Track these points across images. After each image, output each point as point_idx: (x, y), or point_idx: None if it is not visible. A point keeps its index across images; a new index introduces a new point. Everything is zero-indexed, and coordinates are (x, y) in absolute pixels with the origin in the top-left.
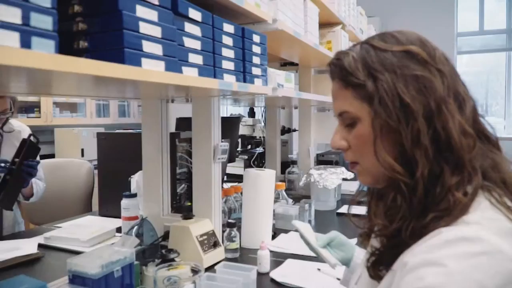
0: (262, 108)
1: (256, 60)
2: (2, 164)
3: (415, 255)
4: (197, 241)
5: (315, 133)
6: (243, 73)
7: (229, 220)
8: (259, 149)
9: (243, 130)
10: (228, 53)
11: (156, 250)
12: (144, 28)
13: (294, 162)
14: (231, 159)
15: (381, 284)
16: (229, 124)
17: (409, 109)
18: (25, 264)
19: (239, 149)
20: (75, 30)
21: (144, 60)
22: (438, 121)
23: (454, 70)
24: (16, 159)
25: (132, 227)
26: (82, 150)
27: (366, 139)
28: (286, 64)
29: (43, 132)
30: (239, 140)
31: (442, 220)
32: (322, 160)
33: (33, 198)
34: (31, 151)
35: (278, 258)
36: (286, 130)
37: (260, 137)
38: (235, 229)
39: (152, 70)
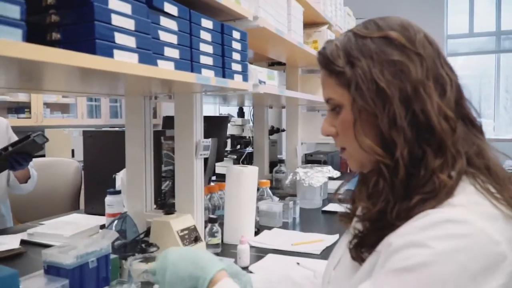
0: (251, 108)
1: (236, 56)
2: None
3: (400, 236)
4: (178, 235)
5: (303, 133)
6: (222, 69)
7: (211, 216)
8: (249, 149)
9: (232, 130)
10: (206, 48)
11: (137, 245)
12: (116, 20)
13: (281, 161)
14: (219, 159)
15: (364, 265)
16: (217, 123)
17: (384, 93)
18: (6, 259)
19: (228, 149)
20: (48, 22)
21: (116, 52)
22: (417, 104)
23: (437, 53)
24: (10, 148)
25: (112, 222)
26: (73, 150)
27: (349, 124)
28: (273, 64)
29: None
30: (229, 140)
31: (428, 202)
32: (311, 160)
33: (30, 182)
34: (30, 146)
35: (260, 253)
36: (275, 130)
37: (249, 137)
38: (216, 224)
39: (124, 61)
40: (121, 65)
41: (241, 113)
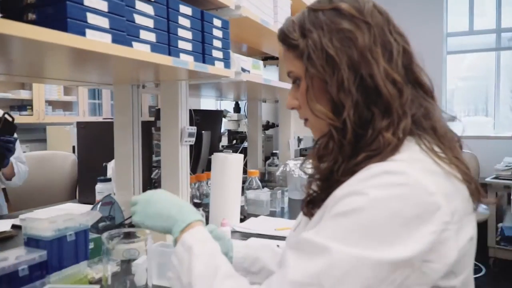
0: (245, 102)
1: (217, 43)
2: None
3: (342, 188)
4: None
5: (296, 126)
6: (203, 55)
7: (195, 201)
8: (245, 144)
9: (228, 125)
10: (185, 34)
11: (121, 227)
12: (89, 1)
13: (274, 154)
14: (213, 152)
15: (313, 219)
16: (212, 117)
17: (333, 60)
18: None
19: (224, 144)
20: (24, 4)
21: (88, 31)
22: (364, 68)
23: (386, 22)
24: None
25: (97, 204)
26: (74, 147)
27: (305, 94)
28: (267, 59)
29: (36, 130)
30: (226, 135)
31: (373, 159)
32: (306, 154)
33: (16, 179)
34: (7, 128)
35: (242, 238)
36: (270, 125)
37: (245, 132)
38: (200, 209)
39: (96, 40)
40: (93, 43)
41: (237, 108)
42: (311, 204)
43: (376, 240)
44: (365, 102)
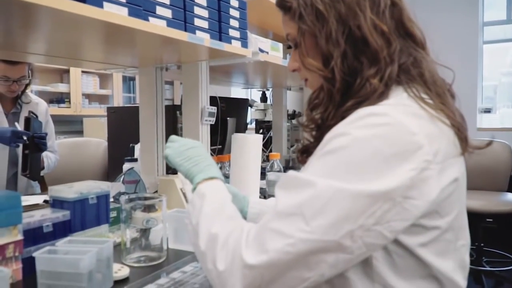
0: (271, 90)
1: (234, 23)
2: (25, 137)
3: (330, 132)
4: (181, 192)
5: None
6: (219, 33)
7: None
8: (271, 133)
9: (255, 114)
10: (201, 12)
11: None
12: None
13: (298, 140)
14: None
15: (305, 164)
16: (237, 105)
17: (322, 15)
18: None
19: (251, 133)
20: None
21: (106, 4)
22: (352, 20)
23: None
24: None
25: (121, 176)
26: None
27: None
28: (290, 47)
29: (73, 122)
30: (254, 124)
31: (361, 104)
32: None
33: (45, 170)
34: (34, 125)
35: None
36: (297, 114)
37: (271, 121)
38: None
39: (113, 12)
40: (110, 15)
41: (263, 98)
42: (305, 152)
43: (357, 175)
44: (354, 53)
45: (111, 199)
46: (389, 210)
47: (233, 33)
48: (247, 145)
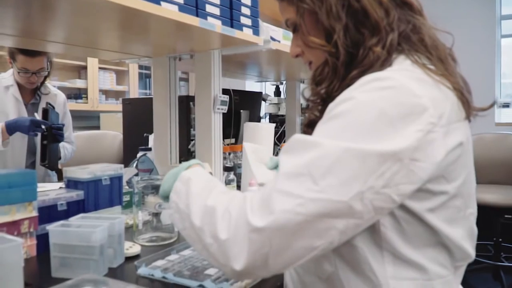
0: (284, 84)
1: (245, 10)
2: (43, 126)
3: (335, 99)
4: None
5: None
6: (230, 20)
7: (227, 165)
8: (285, 127)
9: (269, 108)
10: None
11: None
12: None
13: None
14: None
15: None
16: (251, 98)
17: None
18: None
19: None
20: None
21: None
22: None
23: None
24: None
25: (134, 161)
26: None
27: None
28: None
29: (90, 117)
30: (267, 118)
31: (365, 73)
32: None
33: (61, 160)
34: (53, 116)
35: None
36: None
37: (285, 115)
38: (232, 173)
39: None
40: None
41: (277, 92)
42: (311, 126)
43: (364, 136)
44: (355, 25)
45: (124, 184)
46: (397, 172)
47: (244, 20)
48: (260, 133)
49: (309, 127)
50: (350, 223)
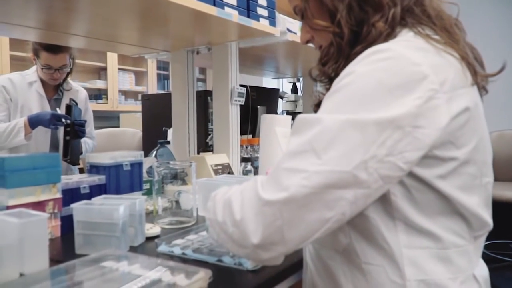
0: (301, 81)
1: (262, 1)
2: (63, 120)
3: (339, 76)
4: (212, 169)
5: None
6: (247, 11)
7: (244, 156)
8: None
9: (286, 106)
10: None
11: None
12: None
13: None
14: None
15: None
16: (267, 95)
17: None
18: None
19: None
20: None
21: None
22: None
23: None
24: (68, 121)
25: (153, 151)
26: None
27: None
28: None
29: (110, 118)
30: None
31: (368, 47)
32: None
33: (83, 155)
34: (76, 112)
35: None
36: None
37: (302, 112)
38: (249, 164)
39: None
40: None
41: (294, 89)
42: (319, 105)
43: (362, 106)
44: (358, 3)
45: (144, 174)
46: (400, 140)
47: (261, 11)
48: (276, 124)
49: (318, 107)
50: (359, 193)
